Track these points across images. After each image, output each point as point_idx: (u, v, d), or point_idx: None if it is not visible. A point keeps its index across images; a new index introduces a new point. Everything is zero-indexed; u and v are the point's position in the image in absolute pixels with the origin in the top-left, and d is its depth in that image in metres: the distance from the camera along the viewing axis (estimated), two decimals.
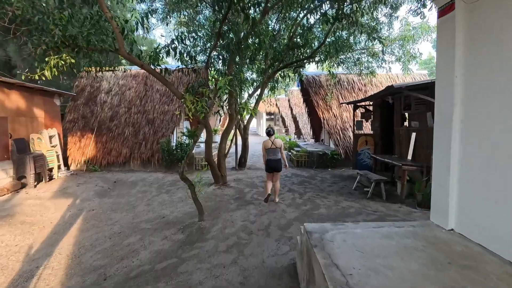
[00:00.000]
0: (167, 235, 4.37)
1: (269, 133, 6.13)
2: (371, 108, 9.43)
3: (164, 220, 5.07)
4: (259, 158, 13.09)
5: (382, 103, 8.55)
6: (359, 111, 9.87)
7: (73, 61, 5.74)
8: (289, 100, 19.80)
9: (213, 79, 4.90)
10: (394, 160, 6.73)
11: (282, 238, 4.23)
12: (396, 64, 10.90)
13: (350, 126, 11.12)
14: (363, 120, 9.34)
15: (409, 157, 6.66)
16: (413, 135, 6.64)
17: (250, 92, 9.04)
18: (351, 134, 10.92)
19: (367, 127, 10.59)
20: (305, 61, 7.80)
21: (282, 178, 8.54)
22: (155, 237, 4.32)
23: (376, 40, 6.22)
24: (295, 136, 19.76)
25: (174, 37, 6.28)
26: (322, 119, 11.33)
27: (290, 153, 12.61)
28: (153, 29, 11.83)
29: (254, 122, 37.79)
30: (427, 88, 5.96)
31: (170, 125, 10.70)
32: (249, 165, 10.91)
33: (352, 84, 12.22)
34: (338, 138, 10.84)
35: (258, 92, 9.30)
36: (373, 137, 8.77)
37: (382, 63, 10.41)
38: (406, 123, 7.71)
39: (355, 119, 9.37)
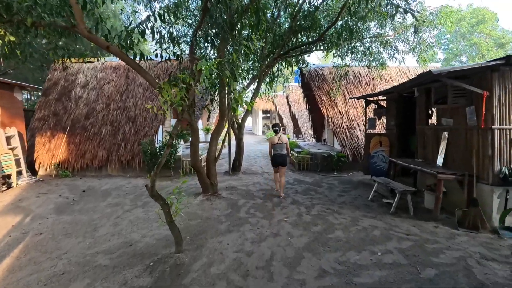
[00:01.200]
0: (128, 279, 3.08)
1: (276, 130, 6.39)
2: (384, 103, 8.22)
3: (130, 251, 3.78)
4: (255, 160, 11.84)
5: (399, 98, 7.34)
6: (369, 108, 8.66)
7: (12, 38, 4.40)
8: (287, 97, 18.54)
9: (196, 61, 3.64)
10: (420, 165, 5.52)
11: (292, 282, 2.98)
12: (406, 56, 9.61)
13: (358, 125, 9.92)
14: (376, 117, 8.12)
15: (439, 162, 5.45)
16: (445, 135, 5.44)
17: (246, 83, 7.76)
18: (359, 134, 9.74)
19: (379, 126, 9.39)
20: (312, 46, 6.53)
21: (284, 186, 7.32)
22: (110, 282, 3.03)
23: (402, 17, 4.98)
24: (294, 135, 18.54)
25: (150, 14, 5.01)
26: (326, 116, 10.10)
27: (289, 155, 11.36)
28: (138, 14, 10.46)
29: (249, 120, 36.46)
30: (468, 77, 4.75)
31: (154, 123, 9.38)
32: (244, 169, 9.64)
33: (358, 77, 11.00)
34: (345, 138, 9.62)
35: (254, 86, 8.05)
36: (389, 137, 7.56)
37: (394, 54, 9.20)
38: (431, 121, 6.52)
39: (367, 117, 8.15)
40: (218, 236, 4.19)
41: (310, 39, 6.32)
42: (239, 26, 4.88)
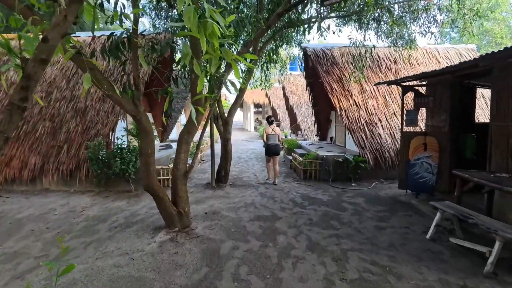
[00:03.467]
0: None
1: (271, 122, 6.91)
2: (422, 91, 6.02)
3: None
4: (247, 164, 9.54)
5: (455, 83, 5.15)
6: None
7: None
8: (283, 88, 16.21)
9: None
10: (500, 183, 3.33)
11: None
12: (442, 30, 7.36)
13: (380, 120, 7.74)
14: (416, 110, 5.90)
15: None
16: None
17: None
18: (381, 131, 7.58)
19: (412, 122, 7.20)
20: None
21: (290, 210, 5.05)
22: None
23: None
24: (291, 132, 16.28)
25: None
26: (338, 109, 7.85)
27: (290, 158, 9.11)
28: None
29: (239, 115, 33.93)
30: None
31: (111, 117, 6.92)
32: (232, 178, 7.32)
33: (377, 60, 8.79)
34: (363, 137, 7.43)
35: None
36: (437, 137, 5.37)
37: (430, 26, 7.01)
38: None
39: (404, 109, 5.93)
40: None
41: None
42: None
